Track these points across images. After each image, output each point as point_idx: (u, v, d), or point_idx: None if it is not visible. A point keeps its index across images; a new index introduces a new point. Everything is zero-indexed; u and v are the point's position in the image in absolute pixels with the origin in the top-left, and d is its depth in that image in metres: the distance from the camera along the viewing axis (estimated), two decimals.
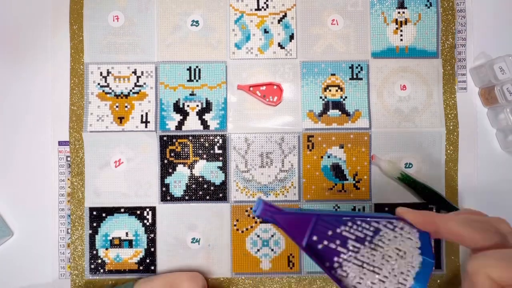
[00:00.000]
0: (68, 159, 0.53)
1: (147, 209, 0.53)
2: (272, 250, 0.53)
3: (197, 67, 0.53)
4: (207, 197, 0.53)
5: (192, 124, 0.53)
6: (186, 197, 0.53)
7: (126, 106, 0.53)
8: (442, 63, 0.54)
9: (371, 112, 0.53)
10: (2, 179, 0.53)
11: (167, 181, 0.53)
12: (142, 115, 0.53)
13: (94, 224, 0.53)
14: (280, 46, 0.53)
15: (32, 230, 0.53)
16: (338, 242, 0.33)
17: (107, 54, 0.53)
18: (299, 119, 0.53)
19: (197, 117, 0.53)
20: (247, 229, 0.53)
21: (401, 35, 0.54)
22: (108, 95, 0.53)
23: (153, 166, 0.53)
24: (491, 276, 0.27)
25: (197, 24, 0.54)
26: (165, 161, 0.53)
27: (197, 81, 0.53)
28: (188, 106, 0.53)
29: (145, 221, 0.53)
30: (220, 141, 0.53)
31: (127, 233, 0.53)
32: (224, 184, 0.53)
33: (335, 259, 0.32)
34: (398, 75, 0.53)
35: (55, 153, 0.53)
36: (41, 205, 0.53)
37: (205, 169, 0.53)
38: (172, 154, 0.53)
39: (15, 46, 0.54)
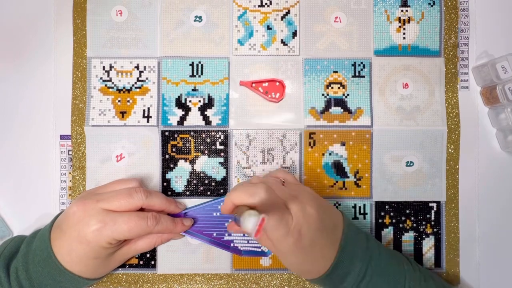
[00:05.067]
0: (70, 153, 0.53)
1: None
2: None
3: (199, 62, 0.53)
4: (208, 193, 0.53)
5: (194, 119, 0.53)
6: (187, 193, 0.53)
7: (128, 101, 0.53)
8: (444, 61, 0.54)
9: (373, 110, 0.53)
10: (2, 172, 0.53)
11: (168, 176, 0.53)
12: (144, 110, 0.53)
13: None
14: (283, 42, 0.53)
15: (32, 227, 0.52)
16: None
17: (109, 49, 0.53)
18: (301, 116, 0.53)
19: (199, 112, 0.53)
20: None
21: (404, 34, 0.54)
22: (110, 90, 0.53)
23: (155, 161, 0.53)
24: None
25: (200, 20, 0.54)
26: (167, 156, 0.53)
27: (199, 76, 0.53)
28: (190, 101, 0.53)
29: None
30: (222, 137, 0.53)
31: None
32: (225, 180, 0.53)
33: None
34: (400, 73, 0.54)
35: (56, 146, 0.53)
36: (42, 199, 0.53)
37: (207, 164, 0.53)
38: (174, 149, 0.53)
39: (17, 39, 0.54)
